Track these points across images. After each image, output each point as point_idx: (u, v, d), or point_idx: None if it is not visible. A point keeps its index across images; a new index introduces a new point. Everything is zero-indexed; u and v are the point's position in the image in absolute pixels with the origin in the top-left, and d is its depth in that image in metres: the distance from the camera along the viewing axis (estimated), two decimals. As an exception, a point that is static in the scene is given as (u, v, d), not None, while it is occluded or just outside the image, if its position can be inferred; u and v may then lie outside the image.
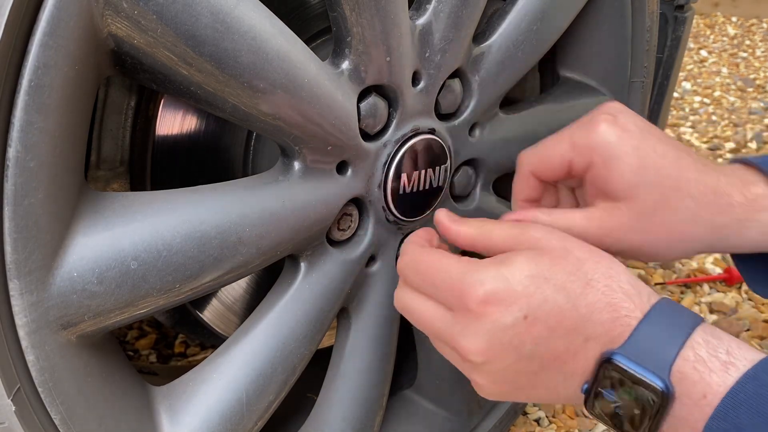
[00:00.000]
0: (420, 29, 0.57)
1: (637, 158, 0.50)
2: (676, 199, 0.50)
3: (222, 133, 0.66)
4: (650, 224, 0.51)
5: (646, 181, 0.50)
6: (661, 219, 0.50)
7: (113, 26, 0.40)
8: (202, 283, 0.48)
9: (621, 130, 0.51)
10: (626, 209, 0.50)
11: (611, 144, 0.50)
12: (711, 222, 0.50)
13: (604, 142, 0.51)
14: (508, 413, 0.90)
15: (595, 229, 0.51)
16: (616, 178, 0.50)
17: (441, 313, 0.48)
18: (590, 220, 0.52)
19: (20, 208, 0.36)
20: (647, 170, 0.50)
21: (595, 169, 0.51)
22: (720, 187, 0.50)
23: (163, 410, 0.52)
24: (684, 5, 0.96)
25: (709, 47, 3.04)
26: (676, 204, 0.50)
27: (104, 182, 0.65)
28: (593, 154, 0.51)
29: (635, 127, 0.51)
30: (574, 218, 0.52)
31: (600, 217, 0.51)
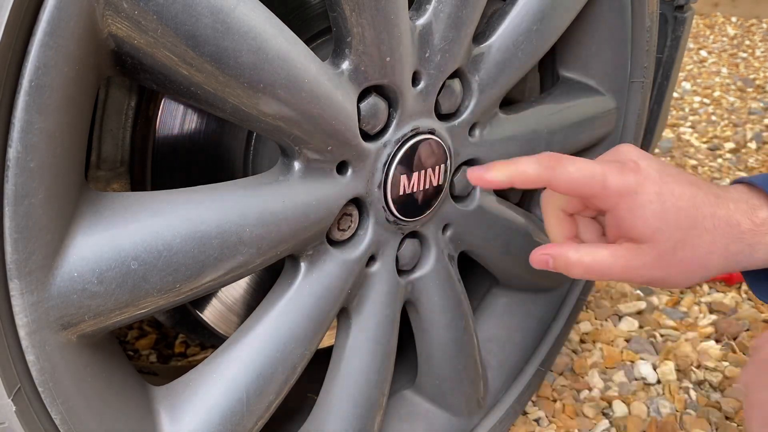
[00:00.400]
0: (420, 29, 0.57)
1: (659, 204, 0.54)
2: (695, 236, 0.54)
3: (222, 133, 0.66)
4: (671, 261, 0.55)
5: (668, 224, 0.54)
6: (681, 256, 0.54)
7: (113, 26, 0.40)
8: (203, 283, 0.48)
9: (644, 178, 0.54)
10: (649, 250, 0.54)
11: (637, 193, 0.54)
12: (725, 250, 0.54)
13: (630, 192, 0.54)
14: (508, 413, 0.90)
15: (620, 267, 0.56)
16: (640, 223, 0.54)
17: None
18: (616, 258, 0.56)
19: (21, 208, 0.37)
20: (668, 214, 0.54)
21: (619, 212, 0.55)
22: (732, 217, 0.54)
23: (163, 410, 0.52)
24: (684, 5, 0.96)
25: (709, 47, 3.04)
26: (694, 241, 0.54)
27: (104, 182, 0.65)
28: (619, 201, 0.55)
29: (656, 172, 0.55)
30: (600, 255, 0.56)
31: (624, 255, 0.55)
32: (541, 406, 1.02)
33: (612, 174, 0.55)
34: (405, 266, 0.68)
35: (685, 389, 1.05)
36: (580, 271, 0.57)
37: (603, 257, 0.56)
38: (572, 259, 0.57)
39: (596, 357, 1.13)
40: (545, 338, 0.96)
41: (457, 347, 0.77)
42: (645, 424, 0.98)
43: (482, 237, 0.76)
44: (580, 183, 0.55)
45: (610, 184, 0.54)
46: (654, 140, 1.04)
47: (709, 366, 1.09)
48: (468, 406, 0.83)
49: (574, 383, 1.07)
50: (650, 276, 0.56)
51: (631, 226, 0.55)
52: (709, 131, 2.12)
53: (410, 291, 0.70)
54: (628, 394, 1.04)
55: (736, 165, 1.88)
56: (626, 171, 0.55)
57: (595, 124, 0.85)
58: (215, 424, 0.52)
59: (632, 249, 0.55)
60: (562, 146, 0.80)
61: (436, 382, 0.80)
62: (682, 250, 0.54)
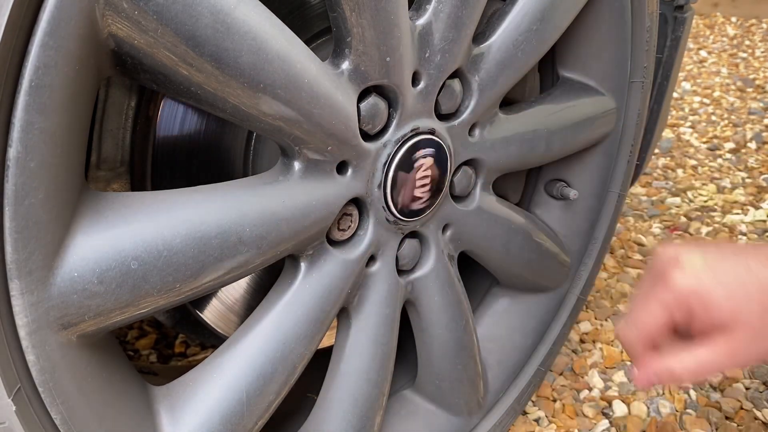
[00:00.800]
0: (420, 29, 0.57)
1: (721, 285, 0.55)
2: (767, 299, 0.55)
3: (222, 133, 0.66)
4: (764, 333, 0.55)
5: (741, 301, 0.55)
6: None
7: (114, 27, 0.40)
8: (203, 283, 0.48)
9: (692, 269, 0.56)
10: (742, 332, 0.55)
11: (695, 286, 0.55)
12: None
13: (690, 289, 0.56)
14: (507, 413, 0.90)
15: (724, 359, 0.56)
16: (716, 314, 0.55)
17: None
18: (717, 354, 0.56)
19: (21, 208, 0.37)
20: (737, 292, 0.55)
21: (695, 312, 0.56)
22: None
23: (163, 410, 0.52)
24: (683, 5, 0.96)
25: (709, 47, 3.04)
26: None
27: (105, 182, 0.65)
28: (689, 302, 0.56)
29: (700, 260, 0.56)
30: (701, 356, 0.57)
31: (723, 347, 0.56)
32: (541, 405, 1.02)
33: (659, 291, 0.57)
34: (405, 266, 0.68)
35: (685, 389, 1.05)
36: (688, 378, 0.58)
37: (705, 357, 0.57)
38: (677, 370, 0.58)
39: (596, 357, 1.13)
40: (545, 338, 0.96)
41: (457, 347, 0.77)
42: (645, 423, 0.98)
43: (482, 237, 0.76)
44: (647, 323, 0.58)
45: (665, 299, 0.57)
46: (654, 140, 1.04)
47: (709, 366, 1.09)
48: (468, 406, 0.83)
49: (574, 383, 1.07)
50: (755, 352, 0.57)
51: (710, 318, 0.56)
52: (708, 131, 2.12)
53: (410, 291, 0.70)
54: (628, 394, 1.04)
55: (736, 165, 1.88)
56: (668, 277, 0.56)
57: (595, 124, 0.85)
58: (215, 423, 0.52)
59: (727, 339, 0.56)
60: (562, 146, 0.80)
61: (436, 382, 0.80)
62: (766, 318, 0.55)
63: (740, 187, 1.75)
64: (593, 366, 1.11)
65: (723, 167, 1.87)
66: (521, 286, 0.92)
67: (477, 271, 0.92)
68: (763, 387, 1.04)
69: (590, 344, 1.16)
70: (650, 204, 1.68)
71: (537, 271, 0.88)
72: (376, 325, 0.66)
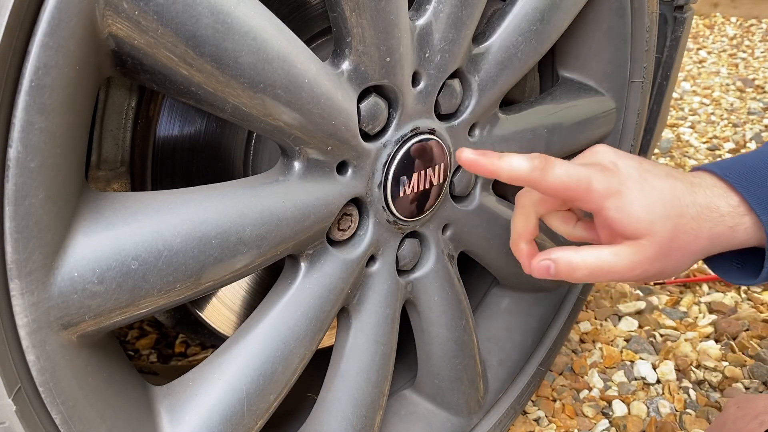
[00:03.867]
0: (420, 30, 0.57)
1: (645, 199, 0.56)
2: (682, 224, 0.56)
3: (222, 133, 0.66)
4: (668, 251, 0.56)
5: (658, 216, 0.55)
6: (676, 244, 0.56)
7: (114, 27, 0.40)
8: (203, 282, 0.48)
9: (625, 177, 0.56)
10: (649, 244, 0.56)
11: (621, 193, 0.56)
12: (709, 233, 0.57)
13: (614, 192, 0.56)
14: (507, 412, 0.90)
15: (624, 264, 0.57)
16: (633, 220, 0.56)
17: None
18: (619, 257, 0.57)
19: (21, 208, 0.37)
20: (655, 207, 0.55)
21: (608, 213, 0.56)
22: (711, 202, 0.57)
23: (163, 410, 0.52)
24: (683, 6, 0.96)
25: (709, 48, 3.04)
26: (683, 228, 0.56)
27: (105, 182, 0.65)
28: (604, 202, 0.56)
29: (635, 170, 0.57)
30: (604, 255, 0.57)
31: (627, 253, 0.57)
32: (541, 405, 1.02)
33: (596, 176, 0.56)
34: (405, 266, 0.68)
35: (685, 389, 1.05)
36: (584, 273, 0.57)
37: (607, 256, 0.57)
38: (575, 261, 0.57)
39: (596, 357, 1.13)
40: (545, 338, 0.96)
41: (456, 347, 0.77)
42: (644, 423, 0.98)
43: (482, 237, 0.76)
44: (567, 186, 0.55)
45: (595, 186, 0.55)
46: (654, 140, 1.04)
47: (709, 366, 1.09)
48: (468, 406, 0.84)
49: (574, 383, 1.07)
50: (652, 270, 0.57)
51: (625, 224, 0.56)
52: (708, 131, 2.12)
53: (410, 291, 0.70)
54: (628, 394, 1.04)
55: (735, 165, 1.88)
56: (608, 173, 0.56)
57: (595, 124, 0.85)
58: (215, 423, 0.52)
59: (633, 245, 0.56)
60: (562, 146, 0.80)
61: (436, 382, 0.80)
62: (677, 237, 0.56)
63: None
64: (593, 366, 1.11)
65: (723, 167, 1.87)
66: (521, 286, 0.92)
67: (477, 271, 0.92)
68: (762, 387, 1.04)
69: (590, 344, 1.16)
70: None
71: (537, 271, 0.88)
72: (376, 325, 0.66)
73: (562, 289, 0.96)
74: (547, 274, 0.59)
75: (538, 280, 0.91)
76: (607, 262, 0.57)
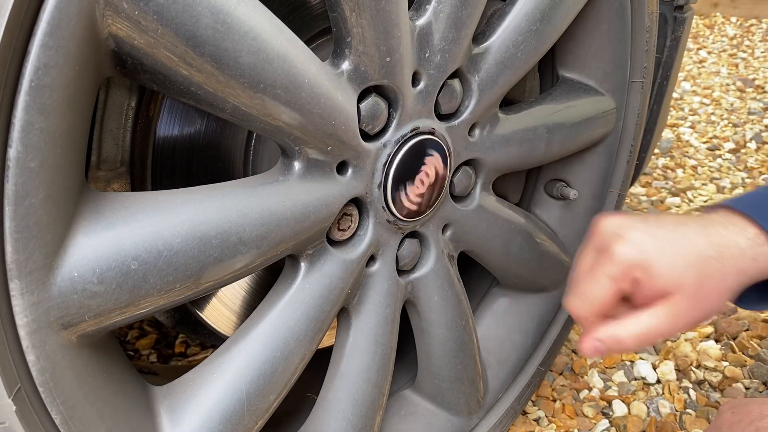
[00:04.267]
0: (420, 30, 0.57)
1: (662, 255, 0.58)
2: (707, 268, 0.57)
3: (222, 133, 0.66)
4: (701, 297, 0.58)
5: (680, 269, 0.57)
6: (707, 290, 0.58)
7: (114, 27, 0.40)
8: (203, 283, 0.48)
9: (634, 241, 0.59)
10: (682, 298, 0.58)
11: (639, 258, 0.58)
12: (735, 268, 0.58)
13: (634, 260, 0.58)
14: (507, 412, 0.90)
15: (665, 323, 0.58)
16: (659, 282, 0.58)
17: None
18: (659, 318, 0.59)
19: (21, 208, 0.37)
20: (676, 260, 0.57)
21: (640, 281, 0.58)
22: (729, 238, 0.58)
23: (163, 410, 0.52)
24: (683, 6, 0.96)
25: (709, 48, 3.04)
26: (708, 272, 0.57)
27: (105, 182, 0.65)
28: (633, 273, 0.58)
29: (641, 232, 0.59)
30: (645, 322, 0.59)
31: (664, 313, 0.58)
32: (541, 405, 1.02)
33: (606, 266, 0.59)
34: (405, 266, 0.68)
35: (685, 389, 1.05)
36: (632, 343, 0.59)
37: (648, 322, 0.59)
38: (620, 335, 0.59)
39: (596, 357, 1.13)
40: (545, 338, 0.96)
41: (456, 347, 0.77)
42: (644, 423, 0.98)
43: (482, 237, 0.76)
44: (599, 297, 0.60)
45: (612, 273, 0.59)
46: (654, 140, 1.04)
47: (709, 366, 1.09)
48: (468, 406, 0.83)
49: (574, 383, 1.07)
50: (693, 318, 0.59)
51: (652, 287, 0.58)
52: (708, 131, 2.12)
53: (410, 291, 0.70)
54: (628, 394, 1.04)
55: (735, 165, 1.88)
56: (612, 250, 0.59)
57: (595, 124, 0.85)
58: (215, 423, 0.52)
59: (668, 304, 0.58)
60: (562, 146, 0.80)
61: (436, 382, 0.80)
62: (705, 283, 0.57)
63: (740, 187, 1.75)
64: (593, 366, 1.11)
65: (723, 167, 1.87)
66: (521, 286, 0.92)
67: (477, 271, 0.92)
68: (762, 387, 1.04)
69: (590, 344, 1.16)
70: (650, 204, 1.68)
71: (537, 271, 0.88)
72: (376, 325, 0.66)
73: (562, 289, 0.96)
74: (598, 355, 0.62)
75: (537, 281, 0.91)
76: (648, 325, 0.59)
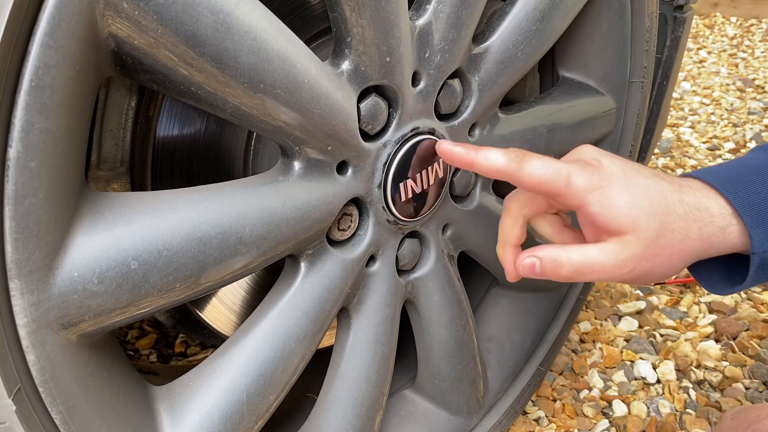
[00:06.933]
0: (420, 29, 0.57)
1: (629, 194, 0.55)
2: (670, 221, 0.55)
3: (222, 133, 0.66)
4: (657, 249, 0.55)
5: (644, 212, 0.54)
6: (664, 242, 0.55)
7: (114, 27, 0.40)
8: (203, 283, 0.48)
9: (608, 174, 0.56)
10: (635, 240, 0.54)
11: (604, 188, 0.55)
12: (700, 233, 0.55)
13: (595, 187, 0.55)
14: (507, 412, 0.90)
15: (611, 261, 0.55)
16: (617, 214, 0.54)
17: None
18: (605, 253, 0.55)
19: (21, 208, 0.37)
20: (640, 202, 0.54)
21: (591, 209, 0.55)
22: (700, 202, 0.56)
23: (163, 410, 0.52)
24: (683, 5, 0.96)
25: (709, 47, 3.04)
26: (672, 226, 0.55)
27: (105, 182, 0.65)
28: (586, 197, 0.55)
29: (618, 168, 0.56)
30: (590, 252, 0.56)
31: (614, 249, 0.55)
32: (541, 405, 1.02)
33: (576, 171, 0.55)
34: (405, 266, 0.68)
35: (685, 389, 1.05)
36: (569, 270, 0.56)
37: (593, 254, 0.55)
38: (560, 258, 0.56)
39: (596, 357, 1.13)
40: (545, 338, 0.96)
41: (456, 347, 0.77)
42: (645, 423, 0.98)
43: (482, 237, 0.76)
44: (544, 179, 0.55)
45: (575, 181, 0.55)
46: (654, 140, 1.04)
47: (709, 366, 1.09)
48: (468, 406, 0.83)
49: (574, 383, 1.07)
50: (640, 269, 0.56)
51: (608, 219, 0.55)
52: (708, 131, 2.12)
53: (410, 291, 0.70)
54: (628, 394, 1.04)
55: (735, 165, 1.88)
56: (589, 168, 0.56)
57: (595, 124, 0.85)
58: (215, 423, 0.52)
59: (619, 241, 0.55)
60: (562, 146, 0.80)
61: (436, 382, 0.80)
62: (664, 236, 0.55)
63: (740, 187, 1.75)
64: (593, 366, 1.11)
65: (723, 167, 1.87)
66: (521, 286, 0.92)
67: (477, 271, 0.92)
68: (762, 387, 1.04)
69: (590, 344, 1.16)
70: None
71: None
72: (376, 325, 0.66)
73: (562, 289, 0.96)
74: (532, 272, 0.58)
75: (537, 281, 0.91)
76: (593, 259, 0.55)
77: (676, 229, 0.55)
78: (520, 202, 0.61)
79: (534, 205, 0.61)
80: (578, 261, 0.55)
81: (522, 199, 0.61)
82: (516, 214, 0.62)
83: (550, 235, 0.63)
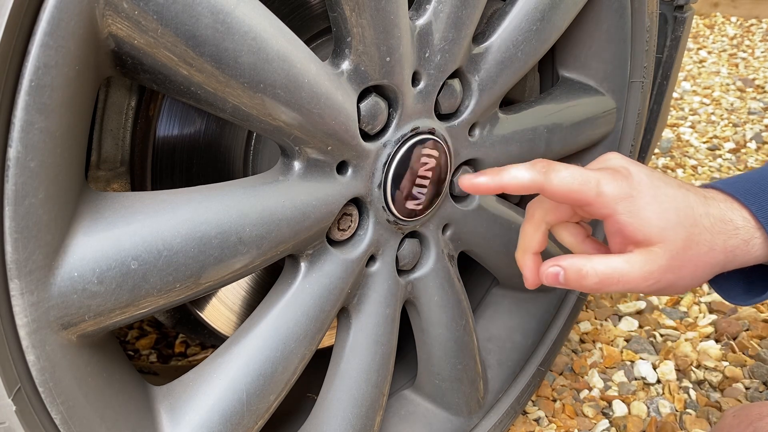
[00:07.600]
0: (420, 29, 0.57)
1: (658, 205, 0.54)
2: (696, 233, 0.55)
3: (222, 133, 0.66)
4: (683, 261, 0.55)
5: (671, 223, 0.54)
6: (690, 255, 0.55)
7: (114, 27, 0.40)
8: (203, 282, 0.48)
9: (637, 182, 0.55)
10: (662, 252, 0.54)
11: (633, 197, 0.54)
12: (724, 246, 0.55)
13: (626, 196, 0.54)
14: (507, 413, 0.90)
15: (636, 273, 0.55)
16: (645, 224, 0.54)
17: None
18: (631, 264, 0.55)
19: (21, 208, 0.37)
20: (668, 214, 0.54)
21: (619, 218, 0.55)
22: (725, 215, 0.56)
23: (163, 410, 0.52)
24: (683, 5, 0.96)
25: (709, 47, 3.04)
26: (698, 238, 0.55)
27: (105, 182, 0.65)
28: (616, 207, 0.55)
29: (646, 177, 0.56)
30: (615, 263, 0.55)
31: (639, 261, 0.55)
32: (541, 405, 1.02)
33: (606, 180, 0.55)
34: (405, 266, 0.68)
35: (685, 389, 1.05)
36: (594, 281, 0.55)
37: (619, 265, 0.55)
38: (585, 268, 0.55)
39: (596, 357, 1.13)
40: (545, 338, 0.96)
41: (456, 347, 0.77)
42: (645, 423, 0.98)
43: (482, 237, 0.76)
44: (573, 188, 0.54)
45: (605, 190, 0.54)
46: (654, 140, 1.04)
47: (709, 366, 1.09)
48: (468, 406, 0.83)
49: (574, 383, 1.07)
50: (665, 281, 0.55)
51: (637, 229, 0.54)
52: (708, 131, 2.12)
53: (410, 291, 0.70)
54: (628, 394, 1.04)
55: (735, 165, 1.88)
56: (619, 177, 0.55)
57: (595, 124, 0.85)
58: (215, 423, 0.52)
59: (645, 253, 0.54)
60: (562, 146, 0.80)
61: (436, 382, 0.80)
62: (690, 248, 0.54)
63: (740, 187, 1.75)
64: (593, 366, 1.11)
65: (723, 167, 1.87)
66: (521, 286, 0.91)
67: (477, 271, 0.92)
68: (763, 387, 1.04)
69: (590, 344, 1.16)
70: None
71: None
72: (376, 325, 0.66)
73: (562, 289, 0.96)
74: (556, 282, 0.57)
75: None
76: (618, 270, 0.54)
77: (701, 242, 0.55)
78: (544, 209, 0.61)
79: (558, 213, 0.60)
80: (603, 272, 0.55)
81: (546, 207, 0.60)
82: (539, 221, 0.61)
83: (571, 245, 0.63)
